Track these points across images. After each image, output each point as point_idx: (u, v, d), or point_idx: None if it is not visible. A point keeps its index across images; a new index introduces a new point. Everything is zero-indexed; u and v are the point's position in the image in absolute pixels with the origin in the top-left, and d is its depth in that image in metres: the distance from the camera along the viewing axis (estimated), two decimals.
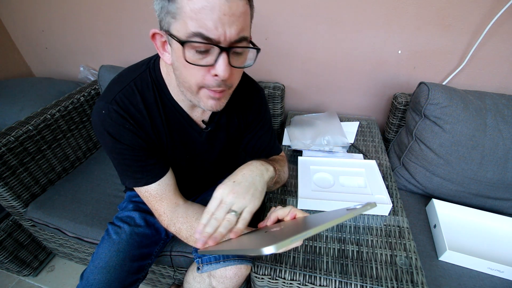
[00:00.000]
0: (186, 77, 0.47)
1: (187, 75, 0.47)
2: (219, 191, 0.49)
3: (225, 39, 0.42)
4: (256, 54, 0.48)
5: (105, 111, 0.53)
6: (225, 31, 0.41)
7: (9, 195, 0.94)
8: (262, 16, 1.05)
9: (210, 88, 0.47)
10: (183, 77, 0.48)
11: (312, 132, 1.06)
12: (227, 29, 0.41)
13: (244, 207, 0.48)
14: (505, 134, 0.80)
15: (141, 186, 0.59)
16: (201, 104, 0.51)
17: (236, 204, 0.48)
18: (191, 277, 0.79)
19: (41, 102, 1.17)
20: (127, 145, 0.55)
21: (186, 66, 0.45)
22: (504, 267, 0.70)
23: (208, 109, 0.51)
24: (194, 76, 0.46)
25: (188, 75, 0.47)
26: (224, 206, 0.47)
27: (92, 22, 1.29)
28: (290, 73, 1.19)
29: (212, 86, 0.47)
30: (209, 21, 0.40)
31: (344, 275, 0.64)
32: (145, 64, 0.59)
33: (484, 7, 0.86)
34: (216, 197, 0.48)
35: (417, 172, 0.93)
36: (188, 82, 0.48)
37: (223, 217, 0.46)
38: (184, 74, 0.47)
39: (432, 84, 0.85)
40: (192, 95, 0.50)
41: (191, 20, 0.40)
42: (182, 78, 0.48)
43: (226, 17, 0.40)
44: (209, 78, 0.46)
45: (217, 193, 0.49)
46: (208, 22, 0.40)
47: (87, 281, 0.64)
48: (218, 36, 0.41)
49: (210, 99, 0.50)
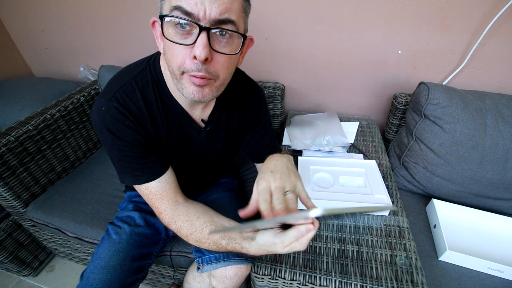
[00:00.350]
0: (170, 60, 0.47)
1: (170, 57, 0.46)
2: (263, 184, 0.48)
3: (205, 16, 0.41)
4: (242, 42, 0.47)
5: (105, 108, 0.53)
6: (205, 8, 0.41)
7: (9, 195, 0.94)
8: (262, 16, 1.05)
9: (190, 72, 0.45)
10: (168, 60, 0.48)
11: (312, 132, 1.06)
12: (207, 6, 0.41)
13: (295, 184, 0.49)
14: (505, 134, 0.80)
15: (141, 184, 0.59)
16: (183, 91, 0.49)
17: (286, 185, 0.48)
18: (191, 277, 0.79)
19: (41, 102, 1.17)
20: (127, 142, 0.55)
21: (169, 47, 0.45)
22: (504, 267, 0.70)
23: (190, 97, 0.48)
24: (175, 58, 0.45)
25: (171, 57, 0.46)
26: (278, 190, 0.47)
27: (92, 22, 1.29)
28: (290, 73, 1.19)
29: (192, 70, 0.45)
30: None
31: (344, 275, 0.64)
32: (145, 62, 0.59)
33: (484, 7, 0.86)
34: (264, 188, 0.47)
35: (417, 172, 0.93)
36: (171, 65, 0.47)
37: (283, 198, 0.46)
38: (168, 56, 0.47)
39: (432, 84, 0.85)
40: (176, 81, 0.49)
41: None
42: (168, 62, 0.48)
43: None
44: (189, 62, 0.45)
45: (262, 186, 0.48)
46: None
47: (87, 281, 0.64)
48: (198, 12, 0.41)
49: (193, 86, 0.47)
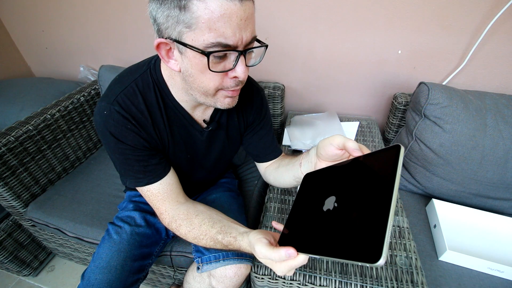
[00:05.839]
0: (204, 83, 0.48)
1: (204, 81, 0.48)
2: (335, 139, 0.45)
3: (242, 43, 0.43)
4: (264, 51, 0.50)
5: (107, 111, 0.53)
6: (242, 36, 0.42)
7: (9, 195, 0.94)
8: (262, 16, 1.05)
9: (229, 89, 0.50)
10: (199, 83, 0.48)
11: (312, 132, 1.06)
12: (243, 34, 0.42)
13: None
14: (505, 134, 0.80)
15: (143, 186, 0.60)
16: (217, 104, 0.52)
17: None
18: (191, 277, 0.79)
19: (41, 102, 1.17)
20: (130, 145, 0.56)
21: (205, 73, 0.46)
22: (504, 267, 0.70)
23: (225, 107, 0.53)
24: (213, 81, 0.47)
25: (206, 81, 0.48)
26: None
27: (92, 22, 1.29)
28: (290, 73, 1.19)
29: (231, 87, 0.49)
30: (228, 29, 0.41)
31: (344, 275, 0.64)
32: (145, 65, 0.59)
33: (484, 7, 0.86)
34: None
35: (417, 172, 0.93)
36: (205, 87, 0.49)
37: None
38: (201, 80, 0.48)
39: (432, 84, 0.85)
40: (207, 98, 0.51)
41: (210, 30, 0.40)
42: (198, 84, 0.49)
43: (242, 21, 0.41)
44: (228, 81, 0.48)
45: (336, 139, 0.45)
46: (227, 30, 0.41)
47: (88, 281, 0.64)
48: (236, 42, 0.42)
49: (227, 98, 0.52)
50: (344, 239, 0.32)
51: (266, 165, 0.76)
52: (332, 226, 0.35)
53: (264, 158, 0.75)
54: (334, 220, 0.35)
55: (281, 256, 0.39)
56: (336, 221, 0.35)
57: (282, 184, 0.70)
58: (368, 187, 0.33)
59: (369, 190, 0.33)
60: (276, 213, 0.80)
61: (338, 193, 0.37)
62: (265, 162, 0.76)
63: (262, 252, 0.43)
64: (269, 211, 0.81)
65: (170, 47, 0.46)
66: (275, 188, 0.88)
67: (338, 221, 0.35)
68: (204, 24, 0.40)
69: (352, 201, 0.34)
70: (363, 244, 0.29)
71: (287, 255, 0.39)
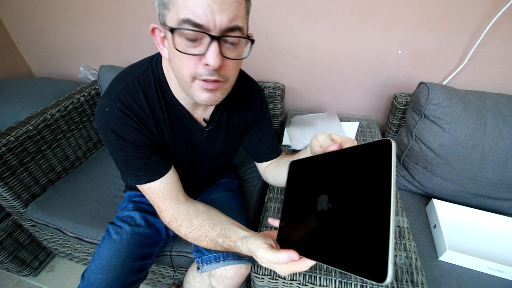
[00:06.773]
0: (179, 68, 0.47)
1: (179, 65, 0.47)
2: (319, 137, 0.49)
3: (215, 26, 0.42)
4: (250, 46, 0.48)
5: (109, 109, 0.54)
6: (215, 18, 0.41)
7: (9, 195, 0.94)
8: (262, 16, 1.05)
9: (202, 77, 0.46)
10: (177, 67, 0.48)
11: (312, 132, 1.06)
12: (217, 16, 0.41)
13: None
14: (505, 134, 0.80)
15: (144, 184, 0.60)
16: (195, 97, 0.50)
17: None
18: (191, 277, 0.79)
19: (41, 102, 1.17)
20: (131, 143, 0.56)
21: (179, 56, 0.45)
22: (504, 267, 0.70)
23: (203, 102, 0.50)
24: (186, 65, 0.46)
25: (181, 65, 0.47)
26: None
27: (92, 22, 1.29)
28: (290, 73, 1.19)
29: (204, 74, 0.46)
30: (198, 8, 0.40)
31: (344, 275, 0.64)
32: (147, 63, 0.59)
33: (484, 7, 0.86)
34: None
35: (417, 172, 0.93)
36: (181, 73, 0.48)
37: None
38: (177, 65, 0.47)
39: (432, 84, 0.85)
40: (186, 87, 0.50)
41: (182, 8, 0.41)
42: (176, 69, 0.49)
43: (216, 4, 0.40)
44: (201, 67, 0.46)
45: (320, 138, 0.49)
46: (198, 9, 0.40)
47: (88, 281, 0.64)
48: (208, 23, 0.41)
49: (204, 91, 0.49)
50: (346, 249, 0.31)
51: (265, 164, 0.76)
52: (330, 230, 0.34)
53: (264, 158, 0.75)
54: (331, 223, 0.34)
55: (283, 259, 0.39)
56: (333, 226, 0.34)
57: (282, 183, 0.70)
58: (362, 188, 0.31)
59: (363, 192, 0.31)
60: (276, 213, 0.80)
61: (330, 192, 0.36)
62: (265, 162, 0.76)
63: (265, 258, 0.43)
64: (269, 211, 0.81)
65: (164, 35, 0.48)
66: (275, 188, 0.88)
67: (335, 225, 0.34)
68: (178, 3, 0.41)
69: (346, 203, 0.33)
70: (366, 260, 0.27)
71: (289, 258, 0.39)
